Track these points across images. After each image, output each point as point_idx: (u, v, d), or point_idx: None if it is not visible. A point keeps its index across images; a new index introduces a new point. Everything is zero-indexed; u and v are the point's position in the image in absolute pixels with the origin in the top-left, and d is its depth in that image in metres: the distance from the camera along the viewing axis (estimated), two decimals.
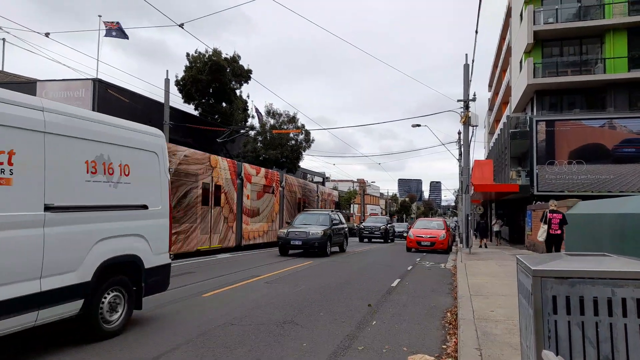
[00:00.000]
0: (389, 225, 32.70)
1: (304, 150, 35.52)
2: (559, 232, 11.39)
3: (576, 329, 2.27)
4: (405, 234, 35.73)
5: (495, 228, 26.96)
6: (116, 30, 21.31)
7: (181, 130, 26.21)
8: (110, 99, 22.38)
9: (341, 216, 20.28)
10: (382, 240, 30.12)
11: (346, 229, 19.86)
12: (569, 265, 2.38)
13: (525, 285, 2.65)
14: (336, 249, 18.63)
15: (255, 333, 5.69)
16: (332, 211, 19.86)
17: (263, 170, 22.31)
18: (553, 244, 11.46)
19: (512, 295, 7.28)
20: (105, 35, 22.08)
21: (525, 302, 2.69)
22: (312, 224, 17.14)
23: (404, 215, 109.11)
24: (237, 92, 31.63)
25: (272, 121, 35.01)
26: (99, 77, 22.52)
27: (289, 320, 6.38)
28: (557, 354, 2.35)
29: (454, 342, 5.39)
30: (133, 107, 23.69)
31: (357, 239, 31.13)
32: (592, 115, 23.62)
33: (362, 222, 38.03)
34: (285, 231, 16.94)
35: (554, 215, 11.56)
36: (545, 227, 11.50)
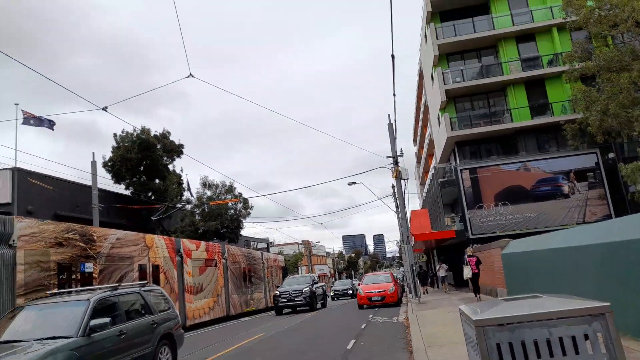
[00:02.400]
0: (315, 285, 23.96)
1: (244, 219, 35.17)
2: (476, 271, 15.64)
3: None
4: (350, 292, 35.34)
5: (441, 273, 26.76)
6: (34, 119, 20.56)
7: (113, 212, 25.05)
8: (32, 187, 21.09)
9: (150, 299, 8.58)
10: (308, 308, 22.32)
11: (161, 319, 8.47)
12: (505, 311, 2.54)
13: (470, 335, 2.76)
14: None
15: None
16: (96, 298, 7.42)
17: (203, 243, 21.63)
18: (474, 279, 15.76)
19: (464, 342, 7.41)
20: (23, 124, 21.17)
21: (473, 352, 2.79)
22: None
23: (352, 272, 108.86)
24: (170, 167, 31.17)
25: (209, 193, 34.59)
26: (20, 166, 21.32)
27: None
28: None
29: None
30: (58, 193, 22.47)
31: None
32: (507, 160, 25.81)
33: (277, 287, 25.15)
34: None
35: (471, 258, 15.79)
36: (468, 267, 15.73)
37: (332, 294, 36.88)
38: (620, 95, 19.06)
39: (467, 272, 15.93)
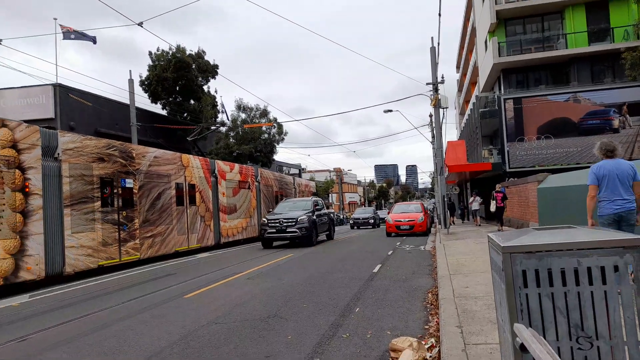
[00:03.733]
0: (316, 213, 18.59)
1: (278, 144, 35.45)
2: (501, 205, 17.44)
3: (546, 300, 2.33)
4: (371, 222, 33.89)
5: (474, 206, 26.07)
6: (75, 33, 20.59)
7: (150, 131, 25.70)
8: (73, 104, 21.71)
9: None
10: (306, 241, 17.33)
11: None
12: (536, 239, 2.44)
13: (496, 261, 2.70)
14: None
15: (240, 330, 5.67)
16: None
17: (237, 166, 22.11)
18: (498, 212, 17.59)
19: (489, 271, 7.44)
20: (64, 39, 21.33)
21: (497, 278, 2.75)
22: None
23: (383, 201, 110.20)
24: (205, 88, 31.16)
25: (243, 116, 34.74)
26: (61, 82, 21.82)
27: (273, 314, 6.37)
28: (530, 326, 2.41)
29: (436, 321, 5.49)
30: (98, 110, 23.06)
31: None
32: (557, 91, 24.21)
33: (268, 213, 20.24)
34: None
35: (498, 194, 17.52)
36: (494, 202, 17.55)
37: (351, 222, 35.72)
38: None
39: (492, 206, 17.84)
